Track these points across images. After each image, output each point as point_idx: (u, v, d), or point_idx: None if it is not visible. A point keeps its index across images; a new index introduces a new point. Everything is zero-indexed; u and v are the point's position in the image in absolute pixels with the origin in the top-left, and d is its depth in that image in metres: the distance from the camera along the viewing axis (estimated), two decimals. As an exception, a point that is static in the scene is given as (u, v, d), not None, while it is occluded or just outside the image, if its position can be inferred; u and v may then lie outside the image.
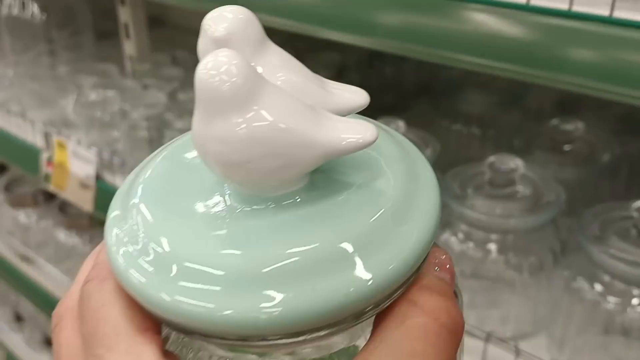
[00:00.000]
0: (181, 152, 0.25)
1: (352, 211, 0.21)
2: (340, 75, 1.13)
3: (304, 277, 0.19)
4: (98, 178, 1.03)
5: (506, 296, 0.69)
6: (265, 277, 0.19)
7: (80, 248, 1.31)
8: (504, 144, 0.82)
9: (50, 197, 1.40)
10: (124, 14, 1.16)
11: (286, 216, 0.21)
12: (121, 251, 0.21)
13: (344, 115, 0.22)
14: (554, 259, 0.68)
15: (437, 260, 0.22)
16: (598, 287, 0.61)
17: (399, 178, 0.22)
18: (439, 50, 0.53)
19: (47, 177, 1.13)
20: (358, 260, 0.19)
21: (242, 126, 0.19)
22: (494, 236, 0.67)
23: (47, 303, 1.36)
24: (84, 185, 1.05)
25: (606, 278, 0.60)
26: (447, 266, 0.22)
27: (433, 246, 0.22)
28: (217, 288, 0.19)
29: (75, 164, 1.06)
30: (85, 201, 1.06)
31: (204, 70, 0.19)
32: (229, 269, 0.19)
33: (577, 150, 0.77)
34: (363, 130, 0.20)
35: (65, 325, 0.23)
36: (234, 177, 0.20)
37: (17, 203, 1.42)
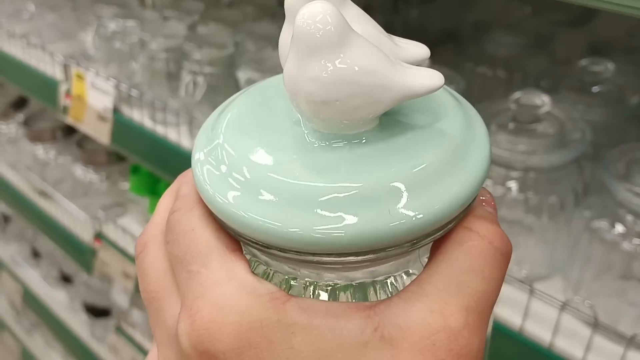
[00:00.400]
0: (259, 95, 0.27)
1: (412, 153, 0.23)
2: None
3: (360, 207, 0.21)
4: (115, 111, 1.03)
5: (524, 238, 0.67)
6: (329, 203, 0.21)
7: (97, 184, 1.31)
8: (529, 85, 0.80)
9: (68, 132, 1.40)
10: (146, -54, 1.14)
11: (357, 152, 0.23)
12: (208, 179, 0.24)
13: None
14: (575, 199, 0.66)
15: (484, 198, 0.25)
16: (619, 227, 0.59)
17: (456, 126, 0.24)
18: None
19: (65, 110, 1.12)
20: (409, 198, 0.22)
21: (333, 68, 0.21)
22: (514, 174, 0.66)
23: (64, 239, 1.37)
24: (101, 118, 1.05)
25: (629, 218, 0.58)
26: (492, 203, 0.25)
27: None
28: (286, 208, 0.22)
29: (93, 96, 1.05)
30: (102, 134, 1.05)
31: (301, 19, 0.21)
32: (298, 194, 0.22)
33: (606, 91, 0.74)
34: (432, 75, 0.23)
35: (150, 250, 0.26)
36: (320, 115, 0.23)
37: (36, 138, 1.43)
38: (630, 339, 0.56)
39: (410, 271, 0.26)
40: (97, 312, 1.52)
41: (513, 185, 0.66)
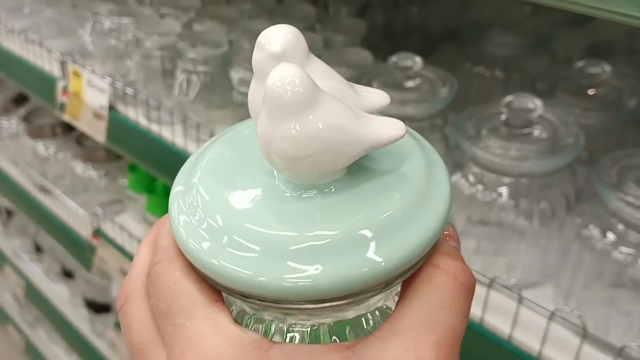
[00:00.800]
0: (235, 142, 0.29)
1: (378, 200, 0.24)
2: (363, 14, 1.09)
3: (329, 255, 0.22)
4: (111, 108, 1.02)
5: (514, 243, 0.66)
6: (301, 252, 0.22)
7: (96, 181, 1.31)
8: (526, 87, 0.78)
9: (68, 129, 1.40)
10: (144, -58, 1.13)
11: (327, 201, 0.24)
12: (182, 223, 0.25)
13: (372, 113, 0.26)
14: (567, 205, 0.64)
15: (447, 232, 0.27)
16: (611, 236, 0.58)
17: (419, 170, 0.26)
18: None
19: (62, 107, 1.12)
20: (376, 245, 0.23)
21: (304, 127, 0.23)
22: (506, 180, 0.64)
23: (63, 235, 1.37)
24: (97, 116, 1.04)
25: (620, 227, 0.57)
26: (455, 236, 0.27)
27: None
28: (257, 258, 0.23)
29: (90, 93, 1.04)
30: (98, 131, 1.04)
31: (272, 81, 0.23)
32: (269, 243, 0.23)
33: (603, 94, 0.73)
34: (395, 126, 0.24)
35: (133, 303, 0.26)
36: (293, 170, 0.24)
37: (36, 134, 1.42)
38: (620, 350, 0.54)
39: (384, 307, 0.28)
40: (98, 307, 1.52)
41: (505, 191, 0.65)
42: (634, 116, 0.71)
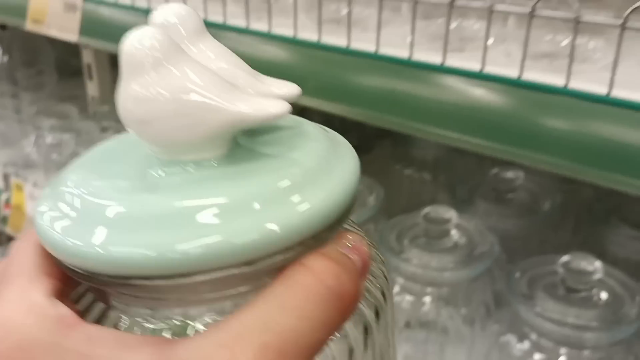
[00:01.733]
0: (115, 142, 0.27)
1: (258, 176, 0.22)
2: (300, 111, 1.13)
3: (188, 225, 0.20)
4: (54, 220, 1.03)
5: (439, 347, 0.68)
6: (152, 222, 0.20)
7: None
8: (449, 193, 0.82)
9: (12, 238, 1.39)
10: (87, 55, 1.17)
11: (195, 177, 0.22)
12: (46, 217, 0.23)
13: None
14: (486, 312, 0.67)
15: (345, 240, 0.22)
16: (526, 343, 0.60)
17: (315, 155, 0.23)
18: (420, 124, 0.49)
19: (4, 220, 1.12)
20: (240, 217, 0.20)
21: (152, 86, 0.21)
22: (429, 289, 0.67)
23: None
24: (40, 228, 1.05)
25: (533, 336, 0.59)
26: (361, 249, 0.22)
27: (351, 231, 0.23)
28: (105, 230, 0.20)
29: (32, 206, 1.06)
30: (41, 243, 1.05)
31: (125, 40, 0.22)
32: (121, 213, 0.21)
33: (519, 199, 0.77)
34: (272, 104, 0.22)
35: None
36: (144, 135, 0.22)
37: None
38: None
39: None
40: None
41: (428, 300, 0.67)
42: (548, 218, 0.75)
